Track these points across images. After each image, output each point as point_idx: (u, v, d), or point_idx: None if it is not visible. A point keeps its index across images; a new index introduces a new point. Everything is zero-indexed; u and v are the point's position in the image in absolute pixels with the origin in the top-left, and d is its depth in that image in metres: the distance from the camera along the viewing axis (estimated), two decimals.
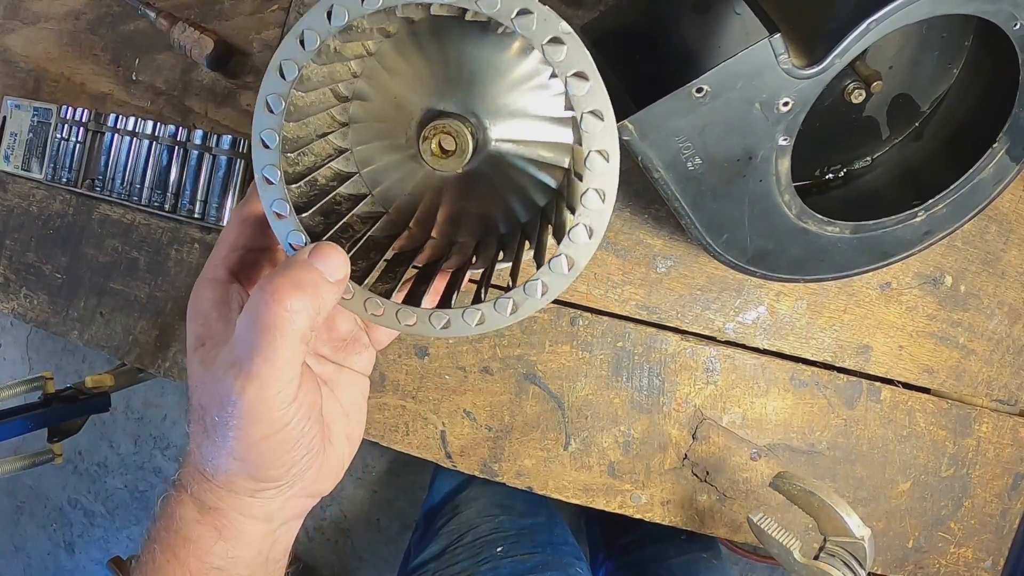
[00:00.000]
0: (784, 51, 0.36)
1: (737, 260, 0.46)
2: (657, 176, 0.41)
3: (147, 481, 1.69)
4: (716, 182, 0.42)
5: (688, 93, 0.37)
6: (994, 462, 0.57)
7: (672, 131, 0.39)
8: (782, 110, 0.38)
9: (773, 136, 0.39)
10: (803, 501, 0.48)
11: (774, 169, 0.41)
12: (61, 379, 0.92)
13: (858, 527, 0.46)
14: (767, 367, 0.56)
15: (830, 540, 0.47)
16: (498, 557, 0.71)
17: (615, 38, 0.44)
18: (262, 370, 0.29)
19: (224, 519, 0.33)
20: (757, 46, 0.36)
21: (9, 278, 0.67)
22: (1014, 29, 0.37)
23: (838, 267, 0.46)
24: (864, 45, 0.36)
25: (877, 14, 0.35)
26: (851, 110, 0.49)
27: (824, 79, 0.37)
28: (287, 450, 0.32)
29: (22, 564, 1.79)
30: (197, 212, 0.59)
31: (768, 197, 0.42)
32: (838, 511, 0.46)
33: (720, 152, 0.40)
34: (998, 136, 0.41)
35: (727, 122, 0.39)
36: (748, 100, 0.38)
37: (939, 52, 0.47)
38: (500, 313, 0.33)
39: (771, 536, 0.48)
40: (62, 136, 0.62)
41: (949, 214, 0.45)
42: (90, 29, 0.65)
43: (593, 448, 0.57)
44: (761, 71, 0.37)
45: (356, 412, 0.38)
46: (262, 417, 0.30)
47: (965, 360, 0.57)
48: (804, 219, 0.44)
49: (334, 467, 0.36)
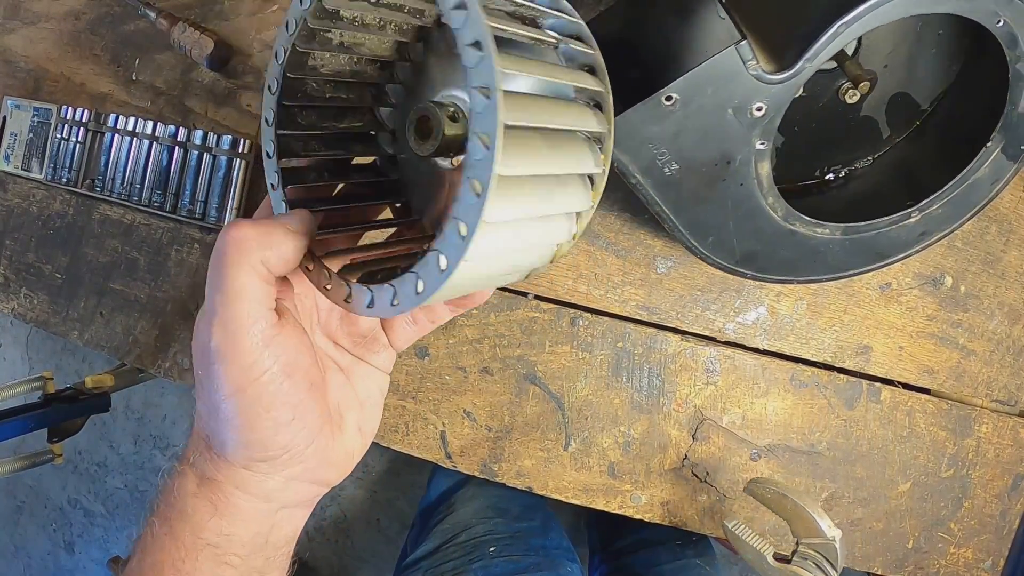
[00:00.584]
0: (752, 57, 0.36)
1: (726, 262, 0.46)
2: (635, 182, 0.42)
3: (147, 481, 1.69)
4: (696, 186, 0.42)
5: (658, 101, 0.38)
6: (994, 463, 0.57)
7: (645, 138, 0.39)
8: (756, 115, 0.38)
9: (750, 140, 0.40)
10: (776, 504, 0.49)
11: (754, 173, 0.41)
12: (61, 379, 0.92)
13: (829, 528, 0.47)
14: (767, 367, 0.56)
15: (802, 542, 0.48)
16: (490, 556, 0.71)
17: (601, 46, 0.44)
18: (225, 310, 0.30)
19: (220, 493, 0.33)
20: (723, 54, 0.36)
21: (9, 278, 0.67)
22: (998, 26, 0.37)
23: (832, 268, 0.46)
24: (836, 48, 0.36)
25: (846, 17, 0.35)
26: (847, 110, 0.49)
27: (797, 83, 0.37)
28: (267, 407, 0.31)
29: (22, 564, 1.79)
30: (197, 212, 0.59)
31: (751, 200, 0.42)
32: (810, 513, 0.47)
33: (697, 157, 0.40)
34: (991, 135, 0.41)
35: (701, 128, 0.39)
36: (720, 106, 0.38)
37: (937, 50, 0.47)
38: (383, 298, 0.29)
39: (745, 542, 0.49)
40: (62, 136, 0.62)
41: (945, 214, 0.44)
42: (90, 29, 0.65)
43: (593, 448, 0.57)
44: (730, 77, 0.37)
45: (371, 405, 0.38)
46: (233, 361, 0.30)
47: (965, 361, 0.57)
48: (791, 221, 0.44)
49: (341, 457, 0.36)
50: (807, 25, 0.36)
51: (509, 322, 0.57)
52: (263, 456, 0.32)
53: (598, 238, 0.56)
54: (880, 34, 0.46)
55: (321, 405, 0.34)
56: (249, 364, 0.31)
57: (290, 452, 0.33)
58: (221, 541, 0.33)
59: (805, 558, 0.47)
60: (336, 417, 0.36)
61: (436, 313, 0.37)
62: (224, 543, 0.33)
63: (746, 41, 0.36)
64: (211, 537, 0.33)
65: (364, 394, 0.37)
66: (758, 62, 0.36)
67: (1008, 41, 0.38)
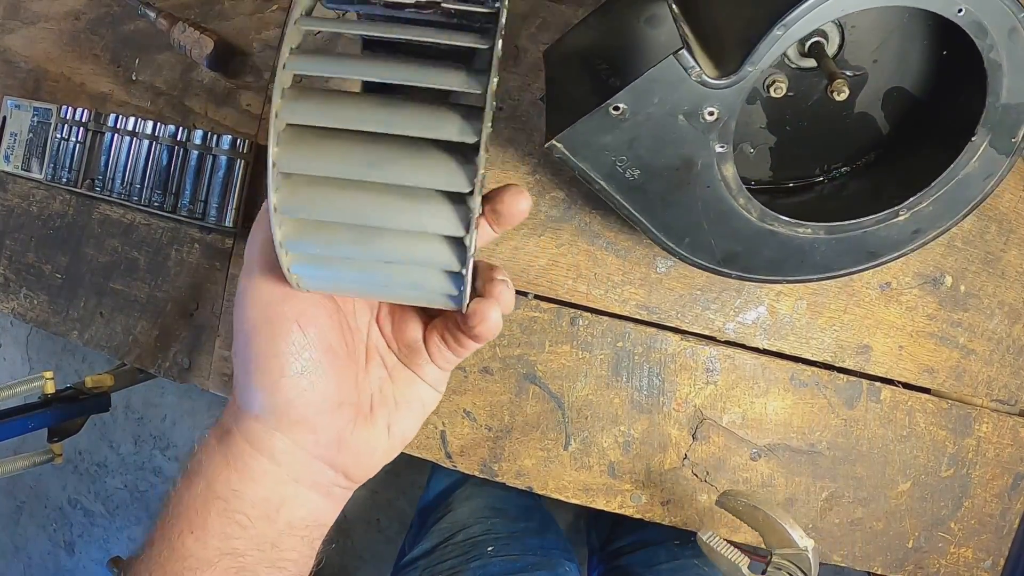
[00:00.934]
0: (693, 64, 0.36)
1: (707, 263, 0.46)
2: (598, 188, 0.42)
3: (147, 481, 1.69)
4: (661, 190, 0.42)
5: (605, 112, 0.38)
6: (994, 462, 0.57)
7: (601, 146, 0.40)
8: (709, 119, 0.38)
9: (708, 144, 0.40)
10: (748, 516, 0.49)
11: (719, 175, 0.41)
12: (61, 379, 0.92)
13: (801, 538, 0.47)
14: (767, 367, 0.56)
15: (776, 553, 0.48)
16: (488, 556, 0.71)
17: (581, 55, 0.44)
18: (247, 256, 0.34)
19: (233, 446, 0.34)
20: (664, 63, 0.36)
21: (9, 278, 0.67)
22: (959, 16, 0.36)
23: (820, 268, 0.46)
24: (780, 49, 0.36)
25: (786, 18, 0.35)
26: (841, 108, 0.49)
27: (744, 87, 0.37)
28: (276, 352, 0.32)
29: (22, 564, 1.79)
30: (197, 212, 0.59)
31: (721, 202, 0.42)
32: (782, 524, 0.47)
33: (657, 162, 0.41)
34: (976, 128, 0.41)
35: (654, 135, 0.39)
36: (670, 113, 0.38)
37: (928, 42, 0.46)
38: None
39: (720, 554, 0.49)
40: (62, 136, 0.62)
41: (937, 211, 0.44)
42: (90, 29, 0.65)
43: (593, 448, 0.57)
44: (675, 85, 0.37)
45: (407, 411, 0.38)
46: (252, 299, 0.33)
47: (965, 360, 0.57)
48: (768, 221, 0.44)
49: (363, 448, 0.36)
50: (749, 29, 0.37)
51: (509, 322, 0.57)
52: (270, 405, 0.33)
53: (598, 238, 0.56)
54: (866, 28, 0.46)
55: (343, 380, 0.34)
56: (266, 302, 0.33)
57: (297, 411, 0.33)
58: (230, 496, 0.33)
59: (779, 568, 0.47)
60: (365, 406, 0.36)
61: (462, 342, 0.37)
62: (233, 498, 0.33)
63: (684, 49, 0.36)
64: (221, 490, 0.33)
65: (403, 397, 0.38)
66: (701, 68, 0.36)
67: (975, 30, 0.37)
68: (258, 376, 0.33)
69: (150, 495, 1.69)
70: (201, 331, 0.61)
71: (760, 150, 0.51)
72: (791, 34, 0.35)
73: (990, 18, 0.37)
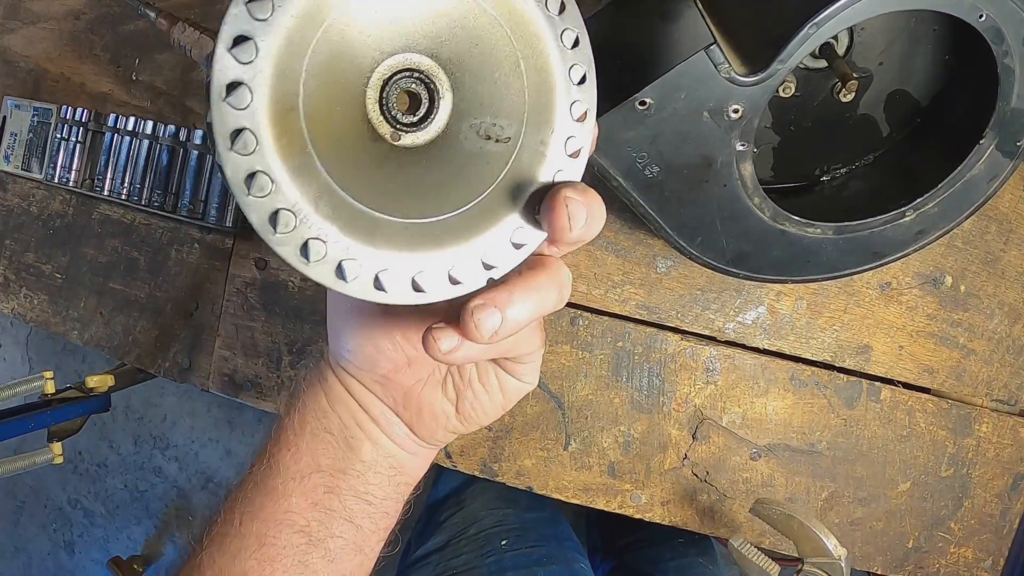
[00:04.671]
0: (723, 61, 0.36)
1: (716, 262, 0.46)
2: (616, 185, 0.42)
3: (147, 481, 1.69)
4: (678, 188, 0.42)
5: (632, 106, 0.38)
6: (994, 462, 0.57)
7: (623, 142, 0.39)
8: (733, 117, 0.38)
9: (729, 142, 0.40)
10: (783, 525, 0.49)
11: (737, 174, 0.41)
12: (61, 379, 0.92)
13: (835, 548, 0.47)
14: (767, 367, 0.56)
15: (808, 561, 0.48)
16: (502, 550, 0.71)
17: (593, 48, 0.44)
18: None
19: (321, 377, 0.36)
20: (694, 58, 0.36)
21: (9, 278, 0.67)
22: (980, 21, 0.37)
23: (827, 268, 0.46)
24: (809, 48, 0.36)
25: (817, 17, 0.35)
26: (844, 109, 0.49)
27: (771, 85, 0.37)
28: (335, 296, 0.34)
29: (22, 564, 1.79)
30: (197, 212, 0.59)
31: (737, 201, 0.42)
32: (816, 533, 0.48)
33: (677, 160, 0.40)
34: (984, 131, 0.41)
35: (678, 131, 0.39)
36: (695, 109, 0.38)
37: (933, 46, 0.46)
38: None
39: (752, 561, 0.50)
40: (62, 136, 0.62)
41: (942, 212, 0.44)
42: (90, 29, 0.65)
43: (593, 448, 0.57)
44: (703, 81, 0.37)
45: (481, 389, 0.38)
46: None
47: (965, 360, 0.57)
48: (780, 221, 0.44)
49: (431, 408, 0.37)
50: (779, 27, 0.36)
51: None
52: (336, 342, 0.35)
53: (598, 237, 0.56)
54: (874, 31, 0.46)
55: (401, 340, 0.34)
56: None
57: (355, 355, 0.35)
58: (320, 415, 0.36)
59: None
60: (435, 371, 0.36)
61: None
62: (322, 416, 0.36)
63: (716, 45, 0.36)
64: (310, 418, 0.36)
65: (483, 376, 0.38)
66: (730, 65, 0.36)
67: (993, 36, 0.37)
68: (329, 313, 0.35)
69: (150, 495, 1.69)
70: (201, 331, 0.61)
71: (763, 150, 0.51)
72: (822, 33, 0.35)
73: (1008, 25, 0.37)
